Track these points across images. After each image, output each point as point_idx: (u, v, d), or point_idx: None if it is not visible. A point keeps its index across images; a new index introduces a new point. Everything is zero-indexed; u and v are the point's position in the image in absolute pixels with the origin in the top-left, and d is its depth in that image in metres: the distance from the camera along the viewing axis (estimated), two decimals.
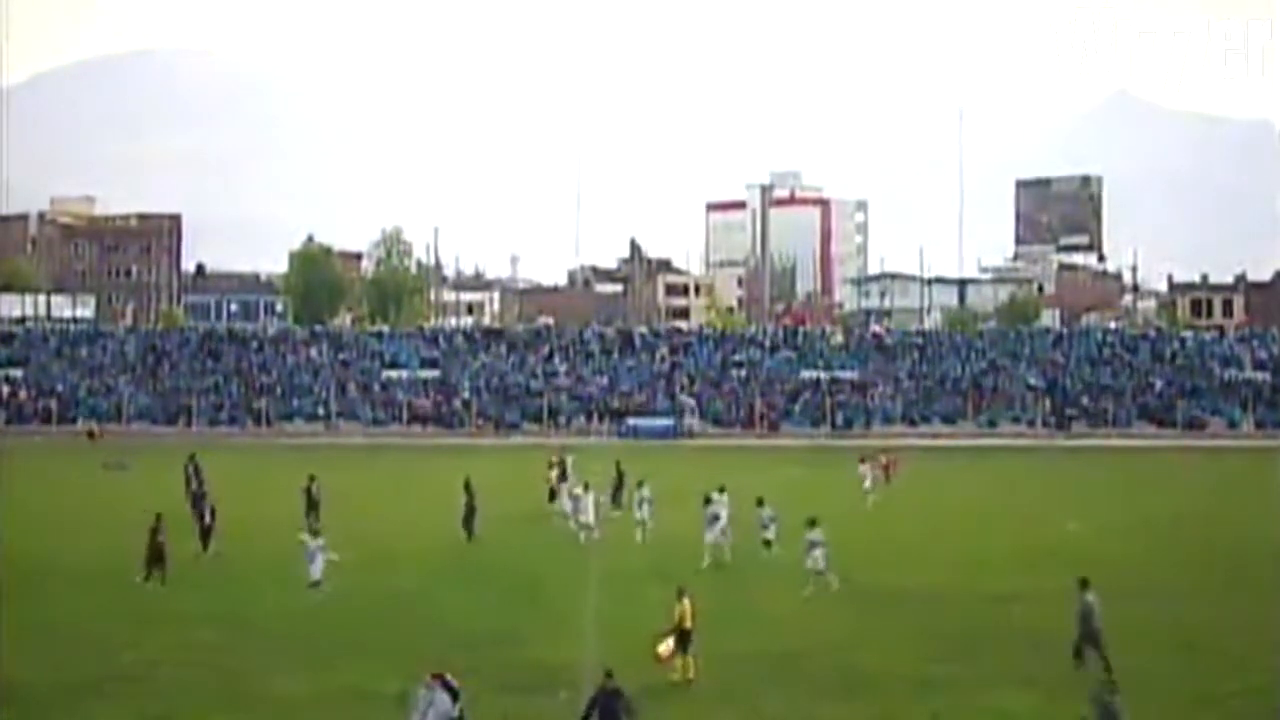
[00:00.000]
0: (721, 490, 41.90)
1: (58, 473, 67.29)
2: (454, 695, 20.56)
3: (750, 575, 36.89)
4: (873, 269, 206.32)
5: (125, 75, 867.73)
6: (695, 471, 57.96)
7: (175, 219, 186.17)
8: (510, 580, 36.55)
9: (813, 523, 34.68)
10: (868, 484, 53.73)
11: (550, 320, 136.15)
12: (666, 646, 25.92)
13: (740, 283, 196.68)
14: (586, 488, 44.08)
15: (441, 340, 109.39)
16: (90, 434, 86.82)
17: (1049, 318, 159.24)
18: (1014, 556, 40.86)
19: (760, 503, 39.82)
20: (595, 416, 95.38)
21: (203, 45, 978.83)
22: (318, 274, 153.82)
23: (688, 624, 26.07)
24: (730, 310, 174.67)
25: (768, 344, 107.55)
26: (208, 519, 39.86)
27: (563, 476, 50.12)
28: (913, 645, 28.99)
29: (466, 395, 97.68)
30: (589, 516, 42.37)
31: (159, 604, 33.27)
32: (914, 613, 32.45)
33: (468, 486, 43.41)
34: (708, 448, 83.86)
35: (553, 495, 48.51)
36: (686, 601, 26.23)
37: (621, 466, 51.32)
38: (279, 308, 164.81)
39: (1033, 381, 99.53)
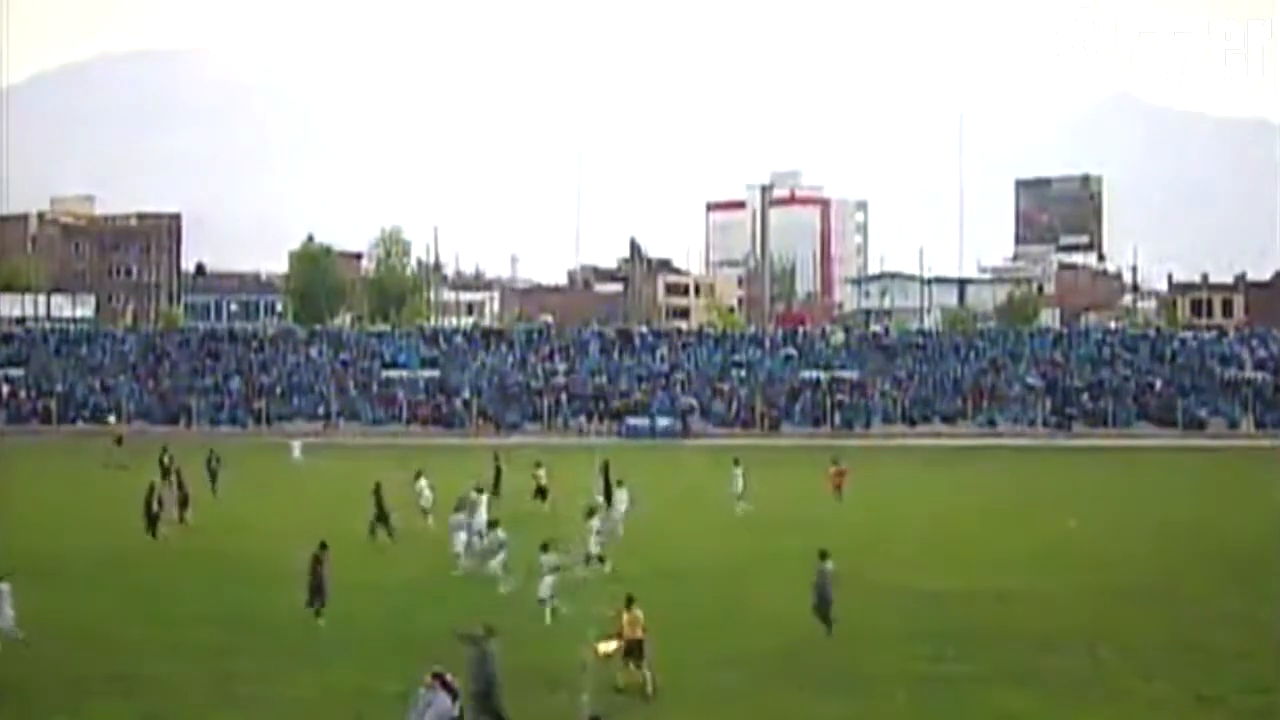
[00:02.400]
0: (620, 484, 43.56)
1: (58, 473, 67.25)
2: (454, 695, 20.57)
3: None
4: (873, 269, 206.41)
5: (125, 75, 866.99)
6: (683, 473, 57.99)
7: (175, 218, 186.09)
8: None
9: (545, 547, 31.41)
10: (738, 487, 49.68)
11: (550, 320, 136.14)
12: (606, 646, 25.29)
13: (740, 282, 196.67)
14: (457, 507, 39.93)
15: (441, 340, 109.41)
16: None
17: (1049, 317, 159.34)
18: (1013, 555, 40.87)
19: (590, 513, 37.40)
20: (595, 416, 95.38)
21: (202, 45, 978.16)
22: (318, 274, 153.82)
23: (638, 634, 25.02)
24: (730, 310, 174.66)
25: (768, 344, 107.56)
26: (155, 507, 42.94)
27: (495, 485, 50.02)
28: (912, 644, 28.98)
29: (466, 395, 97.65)
30: (459, 545, 37.94)
31: (159, 604, 33.28)
32: (913, 611, 32.43)
33: (377, 492, 42.62)
34: (707, 448, 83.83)
35: (543, 494, 49.07)
36: (636, 611, 25.20)
37: (610, 469, 50.02)
38: (279, 307, 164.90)
39: (1033, 381, 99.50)
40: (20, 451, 77.93)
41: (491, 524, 36.14)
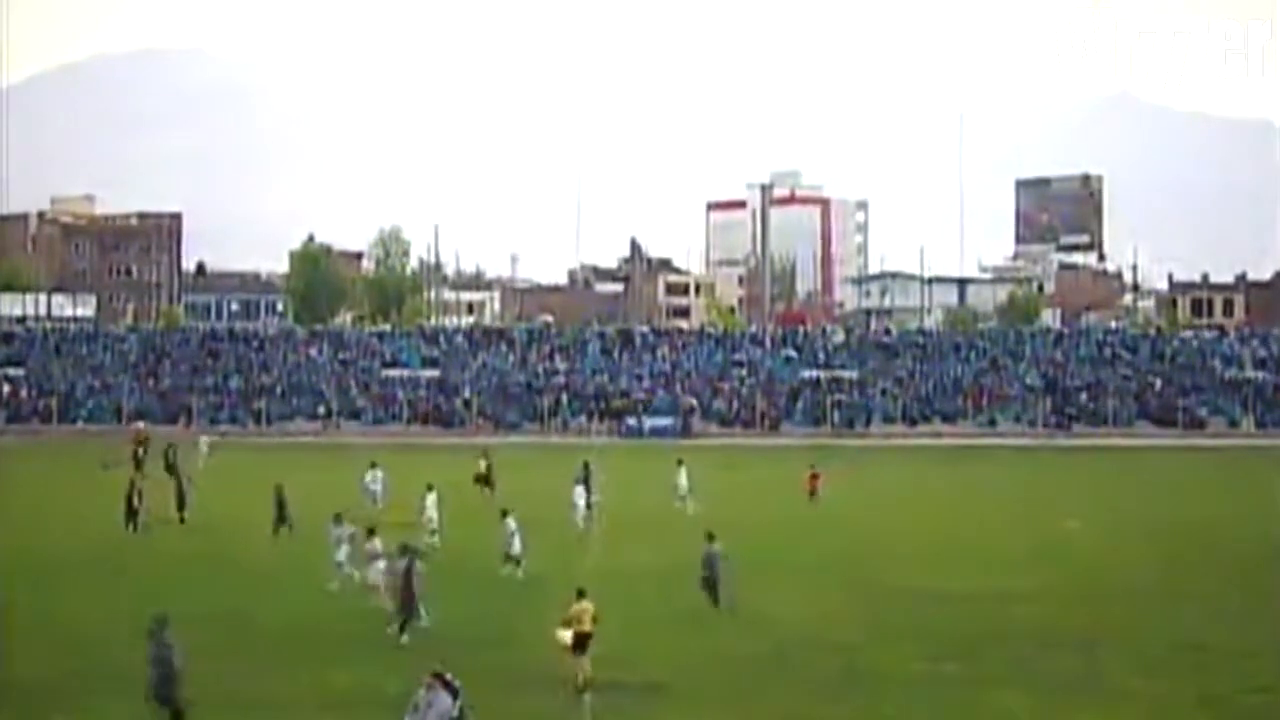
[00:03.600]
0: (579, 481, 45.62)
1: (58, 472, 67.23)
2: (454, 694, 20.55)
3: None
4: (873, 268, 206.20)
5: (125, 75, 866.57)
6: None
7: (175, 218, 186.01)
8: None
9: (371, 532, 31.13)
10: (682, 487, 49.36)
11: (550, 319, 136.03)
12: (564, 634, 24.96)
13: (740, 282, 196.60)
14: (336, 518, 35.84)
15: (442, 339, 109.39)
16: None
17: (1049, 317, 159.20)
18: (1013, 555, 40.85)
19: (505, 514, 36.57)
20: (595, 416, 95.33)
21: (203, 45, 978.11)
22: (318, 273, 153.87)
23: (585, 626, 24.92)
24: (731, 309, 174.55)
25: (768, 343, 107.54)
26: (135, 502, 44.53)
27: (486, 480, 52.67)
28: (912, 644, 28.97)
29: (467, 394, 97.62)
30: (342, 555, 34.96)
31: (158, 604, 33.21)
32: (914, 612, 32.40)
33: (279, 492, 42.97)
34: (707, 447, 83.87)
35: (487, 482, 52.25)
36: (586, 603, 25.12)
37: (590, 466, 49.96)
38: (279, 307, 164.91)
39: (1033, 381, 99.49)
40: (20, 451, 77.88)
41: (370, 531, 33.31)
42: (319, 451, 78.38)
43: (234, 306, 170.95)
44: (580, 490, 45.43)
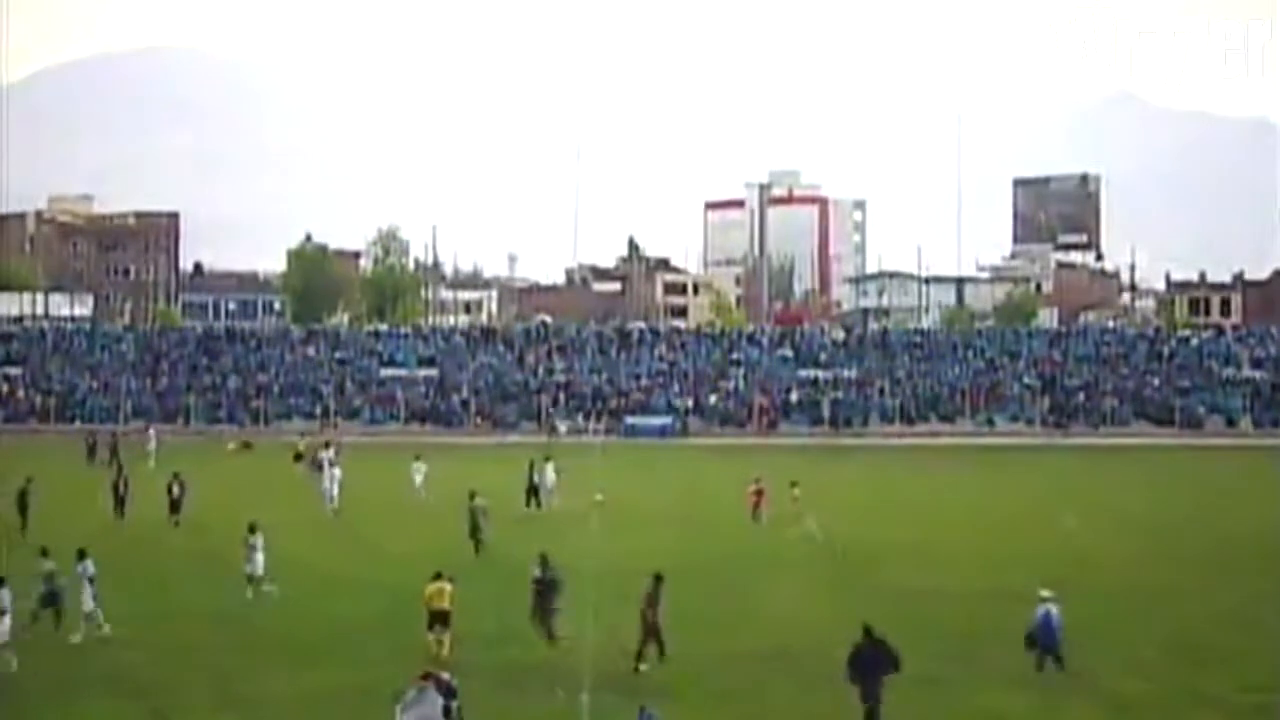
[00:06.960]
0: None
1: (57, 471, 67.03)
2: (450, 694, 20.51)
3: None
4: (871, 268, 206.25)
5: (125, 75, 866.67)
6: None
7: (173, 217, 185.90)
8: None
9: (82, 554, 29.42)
10: (549, 480, 48.99)
11: (548, 319, 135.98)
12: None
13: (738, 281, 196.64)
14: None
15: (439, 339, 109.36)
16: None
17: (1047, 316, 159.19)
18: (1011, 555, 40.82)
19: (253, 530, 33.84)
20: (593, 415, 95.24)
21: (203, 45, 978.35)
22: (316, 273, 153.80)
23: (444, 605, 27.07)
24: (729, 309, 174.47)
25: (766, 342, 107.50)
26: (121, 490, 47.31)
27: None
28: (911, 643, 28.92)
29: (465, 394, 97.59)
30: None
31: (155, 603, 33.20)
32: (913, 611, 32.36)
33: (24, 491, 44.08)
34: (704, 447, 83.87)
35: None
36: (444, 585, 27.25)
37: (535, 466, 49.36)
38: (277, 306, 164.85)
39: (1030, 380, 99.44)
40: (19, 450, 77.70)
41: (250, 528, 33.44)
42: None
43: (232, 306, 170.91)
44: (418, 465, 50.47)
